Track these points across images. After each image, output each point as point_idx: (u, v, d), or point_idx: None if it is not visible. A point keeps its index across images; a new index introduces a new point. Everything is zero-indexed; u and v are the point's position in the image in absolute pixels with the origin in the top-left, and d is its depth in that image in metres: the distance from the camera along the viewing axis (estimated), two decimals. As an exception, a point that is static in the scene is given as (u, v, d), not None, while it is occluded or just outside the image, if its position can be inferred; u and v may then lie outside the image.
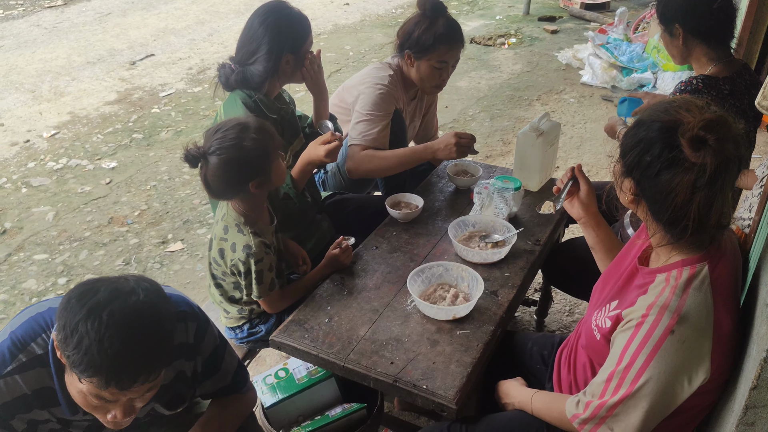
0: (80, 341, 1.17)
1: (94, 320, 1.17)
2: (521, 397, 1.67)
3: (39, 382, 1.35)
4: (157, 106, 5.47)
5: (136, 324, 1.20)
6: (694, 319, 1.28)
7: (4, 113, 5.26)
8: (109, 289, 1.22)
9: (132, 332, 1.19)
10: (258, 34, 2.17)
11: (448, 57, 2.54)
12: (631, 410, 1.31)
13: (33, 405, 1.36)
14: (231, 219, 1.91)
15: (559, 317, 3.00)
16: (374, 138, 2.50)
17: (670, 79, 5.16)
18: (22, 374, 1.32)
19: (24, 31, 7.21)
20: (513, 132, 4.85)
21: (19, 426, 1.37)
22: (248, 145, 1.79)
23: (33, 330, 1.36)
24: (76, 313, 1.18)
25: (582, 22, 7.52)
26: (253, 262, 1.87)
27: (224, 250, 1.92)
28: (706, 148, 1.25)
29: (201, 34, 7.24)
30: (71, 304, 1.20)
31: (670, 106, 1.33)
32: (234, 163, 1.78)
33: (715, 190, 1.26)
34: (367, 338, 1.77)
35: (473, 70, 6.14)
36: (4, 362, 1.31)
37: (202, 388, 1.60)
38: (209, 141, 1.80)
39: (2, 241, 3.67)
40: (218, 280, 2.01)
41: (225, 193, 1.87)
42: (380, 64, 2.64)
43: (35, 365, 1.34)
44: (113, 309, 1.19)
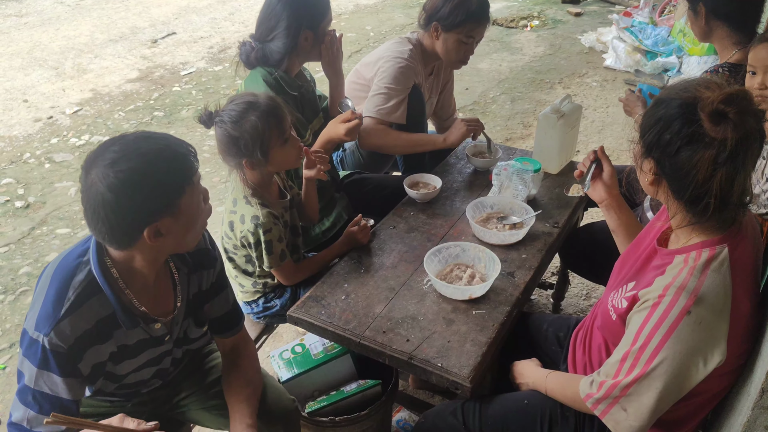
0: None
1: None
2: (535, 377, 1.68)
3: (97, 313, 1.39)
4: (178, 84, 5.50)
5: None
6: (711, 300, 1.27)
7: (28, 89, 5.33)
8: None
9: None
10: (277, 10, 2.18)
11: (475, 33, 2.54)
12: (645, 390, 1.31)
13: (94, 339, 1.40)
14: (239, 192, 1.94)
15: (575, 301, 3.00)
16: (388, 112, 2.50)
17: (695, 64, 5.07)
18: (79, 311, 1.36)
19: (48, 8, 7.26)
20: (534, 115, 4.81)
21: (85, 369, 1.42)
22: (245, 127, 1.80)
23: (70, 267, 1.39)
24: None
25: (606, 5, 7.40)
26: (261, 232, 1.89)
27: (233, 223, 1.94)
28: (726, 122, 1.23)
29: (222, 13, 7.24)
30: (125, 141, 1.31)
31: (689, 85, 1.32)
32: (229, 139, 1.82)
33: (737, 165, 1.24)
34: (383, 316, 1.78)
35: (495, 52, 6.08)
36: (57, 307, 1.35)
37: (213, 306, 1.67)
38: (223, 108, 1.84)
39: (26, 215, 3.74)
40: (230, 254, 2.04)
41: (228, 161, 1.90)
42: (399, 39, 2.64)
43: (88, 296, 1.37)
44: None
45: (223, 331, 1.73)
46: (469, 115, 4.84)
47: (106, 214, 1.27)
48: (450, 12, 2.49)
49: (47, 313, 1.34)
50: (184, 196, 1.35)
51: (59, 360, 1.35)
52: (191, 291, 1.60)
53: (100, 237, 1.33)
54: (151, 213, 1.30)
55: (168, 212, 1.33)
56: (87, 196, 1.28)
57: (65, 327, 1.34)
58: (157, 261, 1.45)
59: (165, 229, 1.34)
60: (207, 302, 1.65)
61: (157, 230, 1.33)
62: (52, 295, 1.36)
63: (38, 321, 1.34)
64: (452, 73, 2.95)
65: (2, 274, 3.26)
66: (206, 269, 1.61)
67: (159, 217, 1.32)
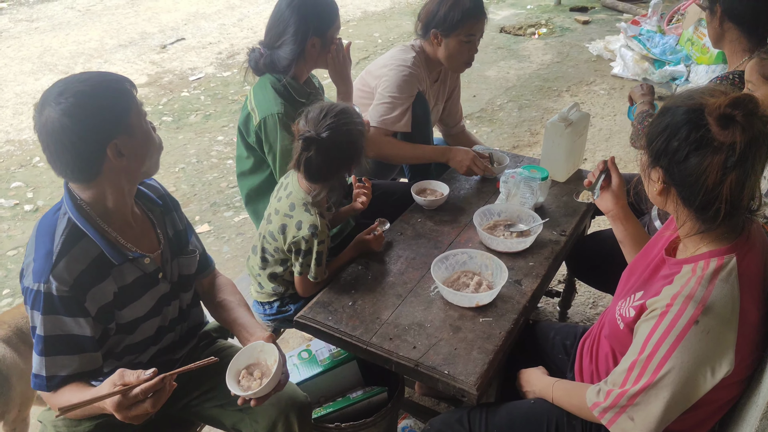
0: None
1: None
2: (542, 385, 1.67)
3: (88, 254, 1.47)
4: (186, 89, 5.53)
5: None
6: (719, 310, 1.27)
7: (38, 94, 5.34)
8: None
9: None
10: (285, 16, 2.19)
11: (475, 30, 2.52)
12: (652, 400, 1.31)
13: (93, 279, 1.48)
14: (299, 198, 1.94)
15: (582, 309, 2.99)
16: (392, 122, 2.51)
17: (703, 73, 5.06)
18: (69, 255, 1.44)
19: (58, 14, 7.32)
20: (541, 123, 4.81)
21: (92, 309, 1.47)
22: (359, 129, 1.87)
23: (50, 223, 1.48)
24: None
25: (614, 13, 7.41)
26: (316, 242, 1.90)
27: (287, 226, 1.94)
28: (734, 125, 1.23)
29: (231, 19, 7.29)
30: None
31: (693, 93, 1.32)
32: (347, 147, 1.85)
33: (746, 168, 1.24)
34: (389, 322, 1.78)
35: (502, 59, 6.09)
36: (47, 258, 1.42)
37: (192, 243, 1.79)
38: (320, 124, 1.82)
39: (35, 218, 3.76)
40: (267, 254, 2.03)
41: (326, 174, 1.89)
42: (403, 47, 2.64)
43: (74, 241, 1.45)
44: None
45: (201, 271, 1.84)
46: (476, 122, 4.85)
47: (69, 138, 1.36)
48: (446, 15, 2.48)
49: (41, 265, 1.42)
50: (131, 114, 1.44)
51: (64, 302, 1.42)
52: (169, 231, 1.70)
53: (67, 171, 1.42)
54: (107, 130, 1.40)
55: (123, 130, 1.42)
56: (45, 132, 1.37)
57: (61, 270, 1.41)
58: (125, 193, 1.52)
59: (124, 148, 1.43)
60: (188, 241, 1.76)
61: (117, 149, 1.42)
62: (41, 249, 1.44)
63: (35, 273, 1.42)
64: (458, 79, 2.95)
65: (11, 277, 3.28)
66: (174, 211, 1.74)
67: (116, 135, 1.41)
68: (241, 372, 1.55)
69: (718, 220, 1.29)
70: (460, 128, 3.05)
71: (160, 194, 1.72)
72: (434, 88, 2.78)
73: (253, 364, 1.58)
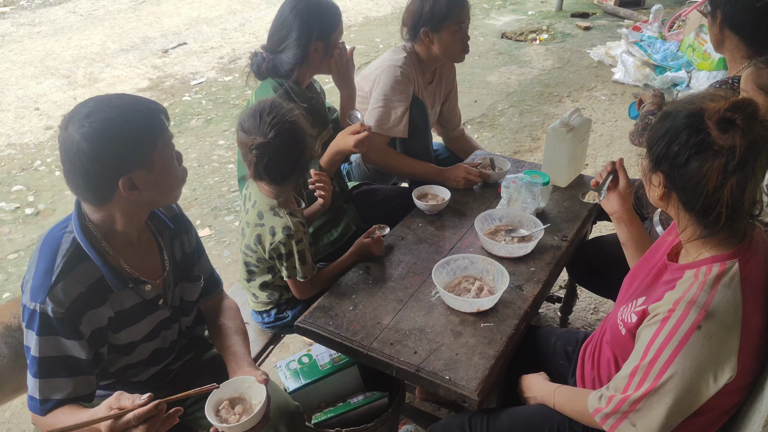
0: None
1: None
2: (544, 391, 1.67)
3: (88, 278, 1.44)
4: (188, 94, 5.54)
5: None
6: (721, 315, 1.26)
7: (40, 98, 5.37)
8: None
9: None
10: (288, 21, 2.20)
11: (463, 17, 2.53)
12: (655, 405, 1.30)
13: (90, 303, 1.44)
14: (264, 204, 1.93)
15: (583, 315, 2.98)
16: (390, 126, 2.51)
17: (704, 79, 5.07)
18: (69, 276, 1.41)
19: (61, 18, 7.34)
20: (542, 128, 4.81)
21: (86, 332, 1.45)
22: (298, 114, 1.86)
23: (55, 238, 1.45)
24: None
25: (616, 19, 7.42)
26: (294, 242, 1.89)
27: (261, 236, 1.94)
28: (734, 129, 1.23)
29: (233, 23, 7.30)
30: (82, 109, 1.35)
31: (694, 98, 1.33)
32: (297, 135, 1.84)
33: (747, 173, 1.24)
34: (390, 327, 1.78)
35: (503, 65, 6.10)
36: (48, 275, 1.40)
37: (199, 269, 1.76)
38: (263, 127, 1.81)
39: (36, 221, 3.76)
40: (251, 267, 2.03)
41: (289, 170, 1.89)
42: (395, 48, 2.64)
43: (76, 262, 1.43)
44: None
45: (206, 295, 1.80)
46: (477, 127, 4.86)
47: (82, 163, 1.33)
48: (431, 11, 2.48)
49: (40, 283, 1.39)
50: (156, 150, 1.40)
51: (60, 324, 1.40)
52: (176, 254, 1.67)
53: (78, 192, 1.40)
54: (124, 163, 1.36)
55: (142, 164, 1.38)
56: (64, 150, 1.35)
57: (59, 292, 1.39)
58: (135, 219, 1.50)
59: (139, 182, 1.39)
60: (195, 264, 1.74)
61: (131, 182, 1.38)
62: (42, 266, 1.41)
63: (32, 292, 1.40)
64: (455, 82, 2.95)
65: (12, 281, 3.28)
66: (185, 233, 1.70)
67: (133, 168, 1.37)
68: (223, 402, 1.49)
69: (719, 224, 1.29)
70: (460, 132, 3.05)
71: (173, 215, 1.68)
72: (429, 89, 2.77)
73: (238, 398, 1.52)
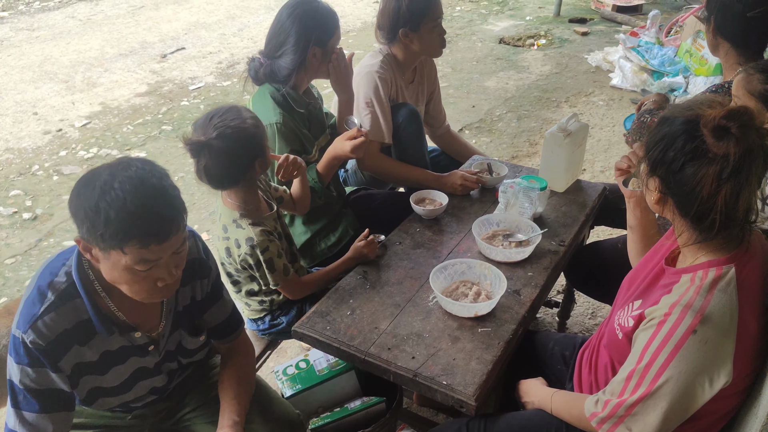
0: (107, 215, 1.24)
1: (108, 193, 1.25)
2: (541, 396, 1.67)
3: (76, 316, 1.41)
4: (186, 98, 5.54)
5: (147, 182, 1.29)
6: (717, 320, 1.27)
7: (39, 102, 5.37)
8: (109, 168, 1.30)
9: (147, 188, 1.28)
10: (286, 26, 2.20)
11: (439, 12, 2.53)
12: (650, 410, 1.30)
13: (74, 340, 1.42)
14: (226, 217, 1.91)
15: (581, 320, 2.98)
16: (383, 132, 2.51)
17: (701, 84, 5.07)
18: (57, 311, 1.38)
19: (59, 23, 7.35)
20: (540, 133, 4.82)
21: (66, 368, 1.43)
22: (251, 123, 1.80)
23: (54, 269, 1.42)
24: (90, 197, 1.26)
25: (613, 25, 7.44)
26: (259, 252, 1.88)
27: (230, 249, 1.92)
28: (729, 137, 1.24)
29: (231, 28, 7.31)
30: (82, 193, 1.28)
31: (692, 103, 1.34)
32: (241, 143, 1.77)
33: (741, 180, 1.24)
34: (388, 332, 1.78)
35: (501, 70, 6.11)
36: (35, 306, 1.38)
37: (210, 315, 1.67)
38: (207, 128, 1.76)
39: (33, 226, 3.76)
40: (234, 277, 2.02)
41: (230, 178, 1.83)
42: (371, 53, 2.64)
43: (67, 299, 1.40)
44: (122, 179, 1.27)
45: (222, 337, 1.74)
46: (475, 132, 4.86)
47: (82, 221, 1.28)
48: (408, 10, 2.47)
49: (27, 312, 1.38)
50: (166, 246, 1.32)
51: (42, 355, 1.37)
52: (181, 303, 1.59)
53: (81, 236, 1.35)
54: (119, 241, 1.27)
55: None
56: (75, 204, 1.30)
57: (42, 325, 1.37)
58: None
59: (96, 256, 1.32)
60: (204, 312, 1.65)
61: (88, 249, 1.33)
62: (33, 295, 1.39)
63: (19, 319, 1.38)
64: (437, 79, 2.94)
65: (9, 285, 3.28)
66: (200, 279, 1.61)
67: (126, 246, 1.28)
68: None
69: (714, 230, 1.30)
70: (445, 128, 3.05)
71: (192, 259, 1.56)
72: (411, 89, 2.77)
73: None
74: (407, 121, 2.56)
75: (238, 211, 1.89)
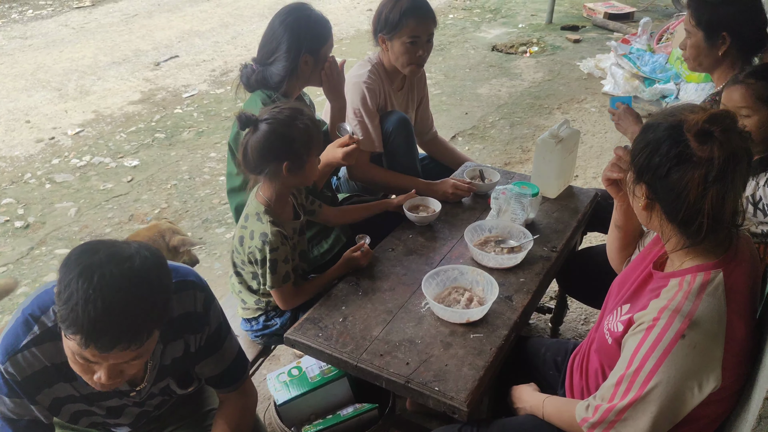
0: (69, 297, 1.17)
1: (85, 280, 1.17)
2: (533, 401, 1.67)
3: (57, 356, 1.36)
4: (179, 106, 5.54)
5: (124, 289, 1.19)
6: (706, 324, 1.28)
7: (31, 110, 5.36)
8: (108, 251, 1.22)
9: (119, 297, 1.18)
10: (278, 33, 2.21)
11: (418, 31, 2.51)
12: (640, 415, 1.31)
13: (54, 378, 1.38)
14: (253, 208, 1.95)
15: (574, 325, 2.99)
16: (372, 141, 2.52)
17: (692, 91, 5.10)
18: (39, 347, 1.35)
19: (52, 31, 7.34)
20: (532, 140, 4.83)
21: (45, 402, 1.39)
22: (298, 126, 1.86)
23: (44, 304, 1.38)
24: (71, 270, 1.19)
25: (605, 32, 7.48)
26: (268, 250, 1.89)
27: (243, 238, 1.95)
28: (712, 141, 1.26)
29: (225, 36, 7.32)
30: (70, 261, 1.21)
31: (675, 109, 1.36)
32: (279, 136, 1.84)
33: (726, 184, 1.26)
34: (380, 339, 1.78)
35: (494, 77, 6.13)
36: (18, 337, 1.34)
37: (203, 367, 1.59)
38: (267, 111, 1.87)
39: (25, 235, 3.74)
40: (238, 268, 2.04)
41: (259, 165, 1.88)
42: (360, 62, 2.66)
43: (49, 338, 1.36)
44: (105, 271, 1.18)
45: (220, 387, 1.68)
46: (468, 139, 4.88)
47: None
48: (386, 18, 2.51)
49: (9, 341, 1.34)
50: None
51: (18, 387, 1.34)
52: (169, 357, 1.52)
53: None
54: (64, 326, 1.22)
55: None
56: (64, 263, 1.24)
57: (22, 359, 1.33)
58: None
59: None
60: (196, 364, 1.58)
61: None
62: (19, 325, 1.35)
63: (1, 346, 1.34)
64: (426, 87, 2.96)
65: None
66: (193, 334, 1.52)
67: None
68: None
69: (702, 235, 1.31)
70: (433, 134, 3.06)
71: (185, 312, 1.50)
72: (400, 96, 2.78)
73: None
74: (398, 129, 2.56)
75: (264, 206, 1.93)
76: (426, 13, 2.55)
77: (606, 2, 8.09)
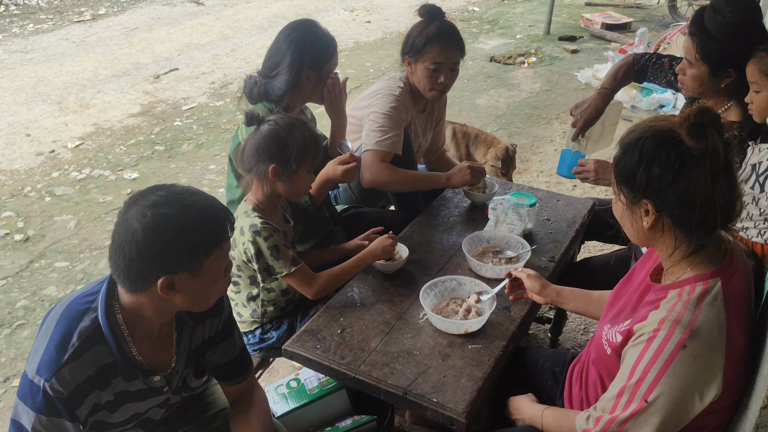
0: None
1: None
2: (532, 412, 1.67)
3: (99, 360, 1.37)
4: (179, 119, 5.56)
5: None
6: (706, 334, 1.28)
7: (31, 124, 5.38)
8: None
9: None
10: (282, 47, 2.23)
11: (441, 58, 2.51)
12: (642, 426, 1.30)
13: (96, 385, 1.39)
14: (240, 209, 1.97)
15: (573, 335, 2.99)
16: (389, 144, 2.51)
17: (690, 100, 5.12)
18: (81, 358, 1.35)
19: (53, 45, 7.38)
20: (531, 150, 4.85)
21: (82, 414, 1.40)
22: (296, 134, 1.89)
23: (75, 315, 1.38)
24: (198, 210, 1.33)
25: (602, 42, 7.52)
26: (261, 239, 1.89)
27: (235, 239, 1.95)
28: (708, 132, 1.27)
29: (224, 49, 7.35)
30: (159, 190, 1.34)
31: (644, 124, 1.36)
32: (274, 137, 1.88)
33: (731, 171, 1.29)
34: (378, 350, 1.78)
35: (492, 88, 6.16)
36: (59, 353, 1.33)
37: (215, 353, 1.61)
38: (271, 115, 1.93)
39: (25, 248, 3.75)
40: (234, 277, 2.03)
41: (250, 162, 1.92)
42: (390, 78, 2.67)
43: (91, 344, 1.36)
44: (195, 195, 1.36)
45: (228, 378, 1.68)
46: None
47: (130, 251, 1.27)
48: (413, 42, 2.53)
49: (50, 358, 1.33)
50: (209, 258, 1.34)
51: (62, 404, 1.34)
52: (194, 343, 1.56)
53: (116, 273, 1.33)
54: (172, 263, 1.30)
55: (189, 268, 1.32)
56: (119, 230, 1.29)
57: (67, 373, 1.33)
58: (164, 314, 1.42)
59: (179, 285, 1.33)
60: (209, 350, 1.61)
61: (171, 283, 1.31)
62: (56, 340, 1.35)
63: (40, 365, 1.33)
64: (445, 109, 2.98)
65: (0, 307, 3.26)
66: (213, 317, 1.57)
67: (178, 270, 1.31)
68: None
69: (715, 230, 1.32)
70: (441, 153, 3.07)
71: None
72: (422, 118, 2.80)
73: None
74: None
75: (252, 205, 1.95)
76: (452, 42, 2.53)
77: (603, 13, 8.16)
